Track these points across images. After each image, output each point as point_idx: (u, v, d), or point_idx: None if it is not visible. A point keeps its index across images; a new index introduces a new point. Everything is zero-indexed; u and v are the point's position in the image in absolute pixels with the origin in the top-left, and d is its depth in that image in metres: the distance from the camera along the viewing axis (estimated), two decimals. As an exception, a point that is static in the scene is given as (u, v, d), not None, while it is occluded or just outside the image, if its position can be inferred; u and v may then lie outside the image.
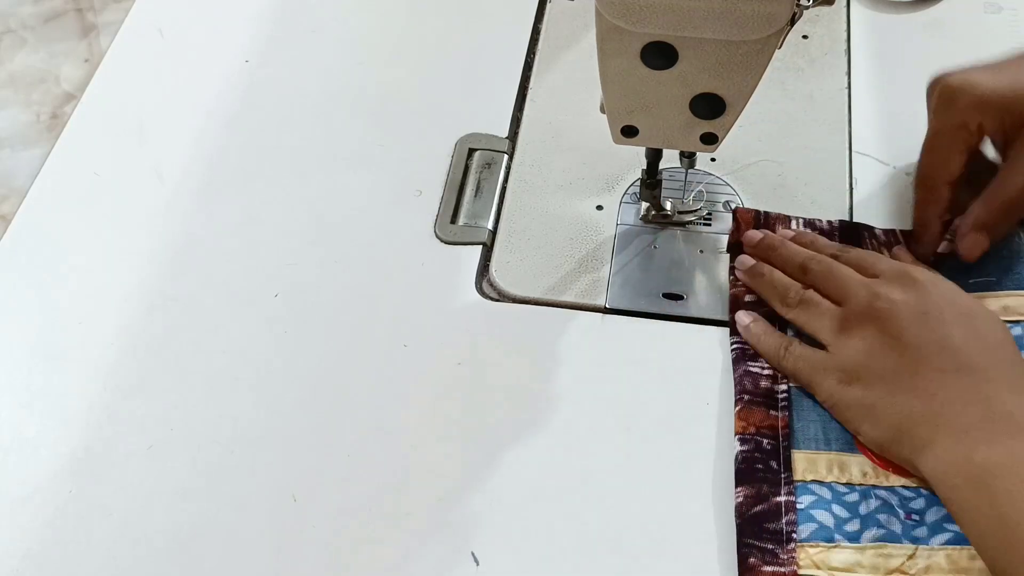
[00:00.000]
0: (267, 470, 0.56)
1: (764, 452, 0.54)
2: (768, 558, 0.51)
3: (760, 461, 0.54)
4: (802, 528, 0.52)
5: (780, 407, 0.56)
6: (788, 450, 0.54)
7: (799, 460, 0.54)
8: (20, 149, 1.05)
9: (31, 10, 1.15)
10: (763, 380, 0.57)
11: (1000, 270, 0.59)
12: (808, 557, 0.51)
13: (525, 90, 0.72)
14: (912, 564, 0.50)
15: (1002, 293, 0.58)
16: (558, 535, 0.53)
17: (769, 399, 0.56)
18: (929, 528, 0.51)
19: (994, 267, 0.59)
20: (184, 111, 0.72)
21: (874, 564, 0.50)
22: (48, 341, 0.62)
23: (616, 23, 0.49)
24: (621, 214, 0.65)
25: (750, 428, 0.55)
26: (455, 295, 0.62)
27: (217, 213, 0.67)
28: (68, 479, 0.57)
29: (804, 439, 0.55)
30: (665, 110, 0.54)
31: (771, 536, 0.51)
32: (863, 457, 0.54)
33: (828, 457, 0.54)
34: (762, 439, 0.55)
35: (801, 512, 0.52)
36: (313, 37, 0.77)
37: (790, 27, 0.49)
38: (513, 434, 0.57)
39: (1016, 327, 0.56)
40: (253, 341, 0.61)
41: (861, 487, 0.53)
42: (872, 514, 0.52)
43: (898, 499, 0.52)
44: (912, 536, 0.51)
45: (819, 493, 0.53)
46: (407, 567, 0.53)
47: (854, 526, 0.51)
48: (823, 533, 0.51)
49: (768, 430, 0.55)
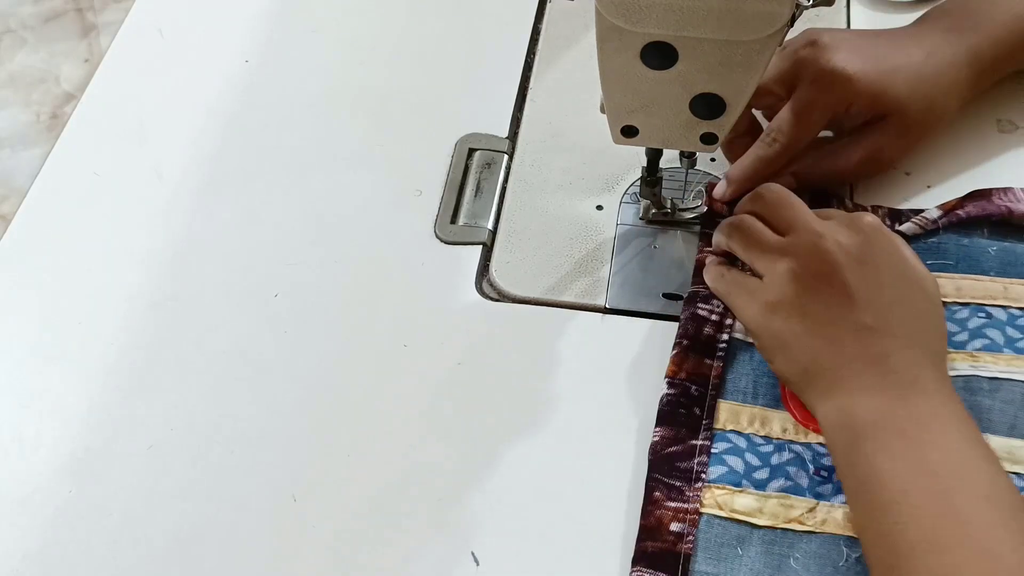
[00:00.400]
0: (267, 470, 0.56)
1: (690, 398, 0.56)
2: (673, 494, 0.53)
3: (684, 406, 0.55)
4: (712, 470, 0.53)
5: (717, 356, 0.57)
6: (715, 399, 0.56)
7: (723, 410, 0.55)
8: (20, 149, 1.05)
9: (31, 10, 1.15)
10: (707, 326, 0.58)
11: (959, 256, 0.60)
12: (713, 498, 0.52)
13: (525, 90, 0.72)
14: (810, 516, 0.52)
15: (957, 276, 0.59)
16: (558, 535, 0.53)
17: (708, 347, 0.57)
18: (834, 486, 0.52)
19: (954, 253, 0.60)
20: (184, 111, 0.72)
21: (774, 512, 0.52)
22: (48, 341, 0.62)
23: (616, 23, 0.49)
24: (621, 214, 0.65)
25: (681, 373, 0.56)
26: (455, 295, 0.62)
27: (217, 213, 0.67)
28: (68, 479, 0.57)
29: (733, 390, 0.56)
30: (665, 110, 0.55)
31: (680, 474, 0.53)
32: (786, 414, 0.55)
33: (752, 411, 0.55)
34: (691, 385, 0.56)
35: (714, 456, 0.54)
36: (313, 37, 0.77)
37: (790, 27, 0.49)
38: (513, 434, 0.57)
39: (964, 309, 0.58)
40: (253, 341, 0.61)
41: (778, 441, 0.54)
42: (782, 465, 0.53)
43: (811, 455, 0.54)
44: (816, 492, 0.53)
45: (735, 441, 0.54)
46: (407, 567, 0.53)
47: (762, 474, 0.53)
48: (731, 477, 0.53)
49: (699, 377, 0.56)
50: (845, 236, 0.54)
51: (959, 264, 0.59)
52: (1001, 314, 0.57)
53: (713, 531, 0.52)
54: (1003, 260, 0.59)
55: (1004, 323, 0.57)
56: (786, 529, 0.51)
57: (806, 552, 0.51)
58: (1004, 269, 0.59)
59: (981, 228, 0.61)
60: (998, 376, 0.55)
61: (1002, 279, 0.59)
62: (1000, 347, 0.56)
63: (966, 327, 0.57)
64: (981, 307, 0.58)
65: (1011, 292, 0.58)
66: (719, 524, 0.52)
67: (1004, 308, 0.58)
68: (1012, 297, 0.58)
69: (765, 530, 0.52)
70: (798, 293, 0.54)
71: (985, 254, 0.60)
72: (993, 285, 0.59)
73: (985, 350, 0.56)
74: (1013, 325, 0.57)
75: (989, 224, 0.61)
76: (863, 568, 0.50)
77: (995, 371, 0.55)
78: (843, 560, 0.50)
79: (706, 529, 0.52)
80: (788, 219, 0.56)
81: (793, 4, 0.47)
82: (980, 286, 0.59)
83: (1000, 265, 0.59)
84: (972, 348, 0.56)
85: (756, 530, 0.52)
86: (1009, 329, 0.57)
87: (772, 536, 0.51)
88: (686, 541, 0.51)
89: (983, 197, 0.61)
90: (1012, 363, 0.55)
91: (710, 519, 0.52)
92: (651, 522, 0.52)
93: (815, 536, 0.51)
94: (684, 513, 0.52)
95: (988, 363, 0.55)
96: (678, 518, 0.52)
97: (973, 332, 0.57)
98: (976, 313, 0.58)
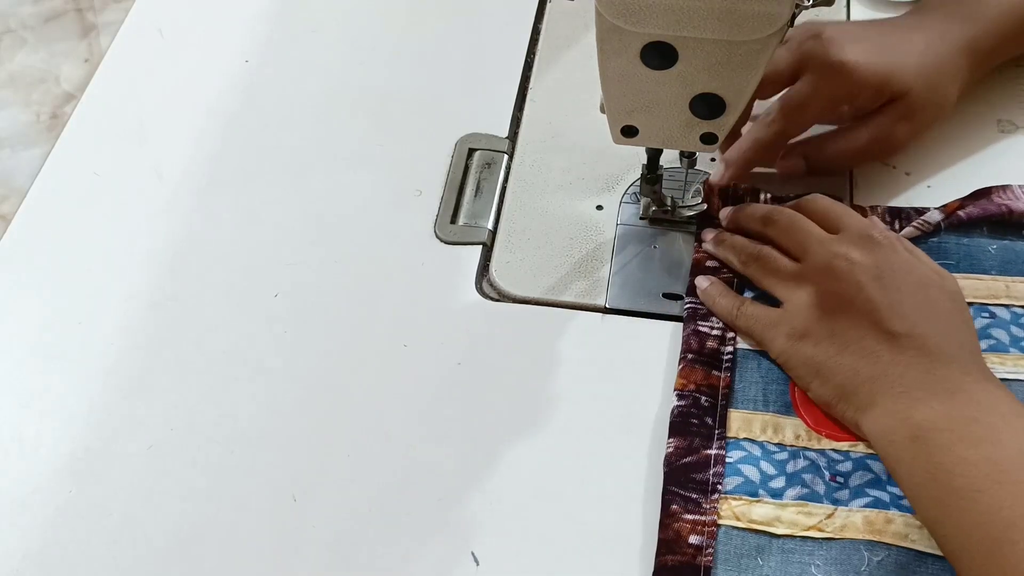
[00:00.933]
0: (267, 470, 0.56)
1: (700, 408, 0.55)
2: (691, 507, 0.52)
3: (695, 416, 0.55)
4: (728, 481, 0.53)
5: (724, 368, 0.57)
6: (725, 409, 0.55)
7: (735, 419, 0.55)
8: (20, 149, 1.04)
9: (31, 10, 1.15)
10: (710, 340, 0.58)
11: (960, 255, 0.60)
12: (730, 509, 0.52)
13: (525, 90, 0.72)
14: (829, 523, 0.51)
15: (959, 275, 0.59)
16: (558, 535, 0.53)
17: (713, 359, 0.57)
18: (851, 491, 0.52)
19: (955, 253, 0.60)
20: (184, 111, 0.72)
21: (793, 520, 0.52)
22: (48, 341, 0.62)
23: (616, 23, 0.49)
24: (621, 214, 0.65)
25: (689, 385, 0.56)
26: (455, 295, 0.62)
27: (217, 213, 0.67)
28: (68, 479, 0.57)
29: (743, 399, 0.56)
30: (665, 110, 0.54)
31: (696, 486, 0.53)
32: (799, 420, 0.55)
33: (764, 418, 0.55)
34: (700, 396, 0.56)
35: (729, 466, 0.53)
36: (313, 37, 0.77)
37: (790, 27, 0.49)
38: (513, 434, 0.57)
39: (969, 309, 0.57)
40: (253, 341, 0.61)
41: (792, 448, 0.54)
42: (798, 473, 0.53)
43: (826, 461, 0.53)
44: (833, 498, 0.52)
45: (749, 450, 0.54)
46: (407, 567, 0.53)
47: (779, 483, 0.53)
48: (748, 487, 0.53)
49: (708, 388, 0.56)
50: (859, 254, 0.55)
51: (960, 264, 0.59)
52: (1004, 313, 0.58)
53: (732, 542, 0.51)
54: (1003, 259, 0.59)
55: (1008, 322, 0.57)
56: (805, 537, 0.51)
57: (826, 559, 0.50)
58: (1005, 267, 0.59)
59: (981, 227, 0.61)
60: (1007, 377, 0.55)
61: (1004, 277, 0.59)
62: (1006, 347, 0.56)
63: None
64: (984, 307, 0.58)
65: (1013, 290, 0.58)
66: (737, 535, 0.51)
67: (1007, 307, 0.58)
68: (1015, 295, 0.58)
69: (784, 539, 0.51)
70: (822, 317, 0.54)
71: (985, 253, 0.60)
72: (995, 284, 0.59)
73: (991, 351, 0.56)
74: (1017, 324, 0.57)
75: (988, 223, 0.61)
76: (884, 571, 0.50)
77: (1003, 372, 0.55)
78: (864, 565, 0.50)
79: (725, 541, 0.51)
80: (801, 242, 0.57)
81: (793, 4, 0.47)
82: (983, 285, 0.59)
83: (1001, 263, 0.59)
84: None
85: (775, 539, 0.51)
86: (1014, 328, 0.57)
87: (791, 544, 0.51)
88: (705, 553, 0.51)
89: (983, 197, 0.61)
90: (1019, 363, 0.56)
91: (728, 530, 0.52)
92: (669, 535, 0.52)
93: (835, 542, 0.51)
94: (702, 525, 0.52)
95: (995, 364, 0.55)
96: (696, 530, 0.51)
97: (979, 333, 0.56)
98: (980, 313, 0.58)
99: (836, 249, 0.55)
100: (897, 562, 0.50)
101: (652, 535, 0.53)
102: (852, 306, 0.54)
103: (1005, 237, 0.60)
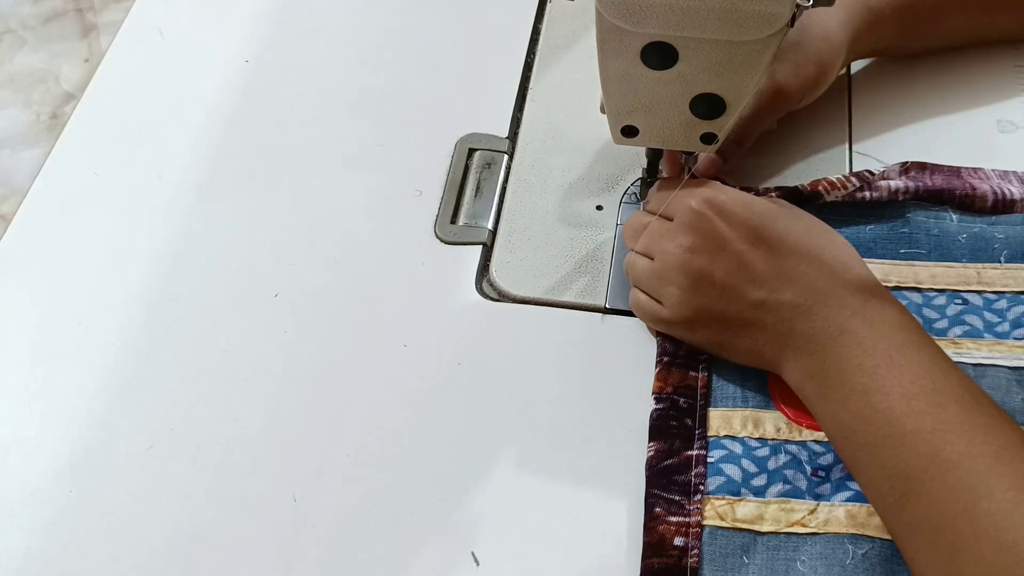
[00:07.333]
0: (267, 470, 0.56)
1: (679, 410, 0.56)
2: (674, 509, 0.52)
3: (675, 419, 0.55)
4: (710, 481, 0.53)
5: (700, 368, 0.57)
6: (705, 408, 0.56)
7: (714, 417, 0.56)
8: (20, 149, 1.05)
9: (31, 10, 1.15)
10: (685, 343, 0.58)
11: (931, 244, 0.60)
12: (713, 509, 0.52)
13: (525, 90, 0.72)
14: (812, 518, 0.52)
15: (931, 264, 0.59)
16: (558, 535, 0.53)
17: (690, 360, 0.57)
18: (833, 485, 0.53)
19: (925, 241, 0.60)
20: (184, 111, 0.72)
21: (776, 517, 0.52)
22: (48, 341, 0.62)
23: (616, 23, 0.49)
24: (621, 214, 0.65)
25: (667, 388, 0.56)
26: (455, 295, 0.62)
27: (217, 213, 0.67)
28: (68, 479, 0.57)
29: (722, 397, 0.56)
30: (665, 110, 0.55)
31: (679, 488, 0.53)
32: (778, 413, 0.55)
33: (743, 413, 0.56)
34: (679, 398, 0.56)
35: (711, 466, 0.54)
36: (313, 37, 0.77)
37: (790, 27, 0.49)
38: (513, 434, 0.57)
39: (941, 296, 0.58)
40: (253, 341, 0.61)
41: (773, 442, 0.54)
42: (780, 469, 0.53)
43: (808, 454, 0.54)
44: (815, 493, 0.53)
45: (730, 448, 0.54)
46: (407, 567, 0.53)
47: (761, 480, 0.53)
48: (730, 486, 0.53)
49: (686, 389, 0.56)
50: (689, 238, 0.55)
51: (931, 253, 0.60)
52: (977, 299, 0.58)
53: (717, 542, 0.51)
54: (973, 247, 0.60)
55: (981, 308, 0.58)
56: (789, 533, 0.51)
57: (812, 554, 0.51)
58: (975, 255, 0.60)
59: (949, 214, 0.61)
60: (982, 362, 0.55)
61: (975, 264, 0.59)
62: (980, 332, 0.57)
63: (945, 314, 0.58)
64: (957, 293, 0.58)
65: (984, 277, 0.59)
66: (722, 535, 0.52)
67: (979, 293, 0.58)
68: (986, 282, 0.59)
69: (769, 536, 0.52)
70: (698, 307, 0.55)
71: (955, 242, 0.60)
72: (966, 271, 0.59)
73: (966, 336, 0.57)
74: (990, 309, 0.58)
75: (955, 205, 0.61)
76: (870, 564, 0.50)
77: (979, 357, 0.56)
78: (849, 558, 0.50)
79: (709, 541, 0.52)
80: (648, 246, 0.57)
81: (793, 4, 0.47)
82: (953, 272, 0.59)
83: (971, 252, 0.60)
84: (953, 335, 0.57)
85: (760, 537, 0.52)
86: (987, 314, 0.57)
87: (776, 541, 0.51)
88: (691, 555, 0.51)
89: (952, 172, 0.62)
90: (994, 348, 0.56)
91: (713, 531, 0.52)
92: (654, 538, 0.52)
93: (819, 537, 0.51)
94: (686, 527, 0.52)
95: (971, 350, 0.56)
96: (680, 532, 0.52)
97: (952, 319, 0.57)
98: (952, 300, 0.58)
99: (670, 244, 0.55)
100: (881, 554, 0.50)
101: (652, 535, 0.53)
102: (713, 289, 0.54)
103: (974, 225, 0.61)
